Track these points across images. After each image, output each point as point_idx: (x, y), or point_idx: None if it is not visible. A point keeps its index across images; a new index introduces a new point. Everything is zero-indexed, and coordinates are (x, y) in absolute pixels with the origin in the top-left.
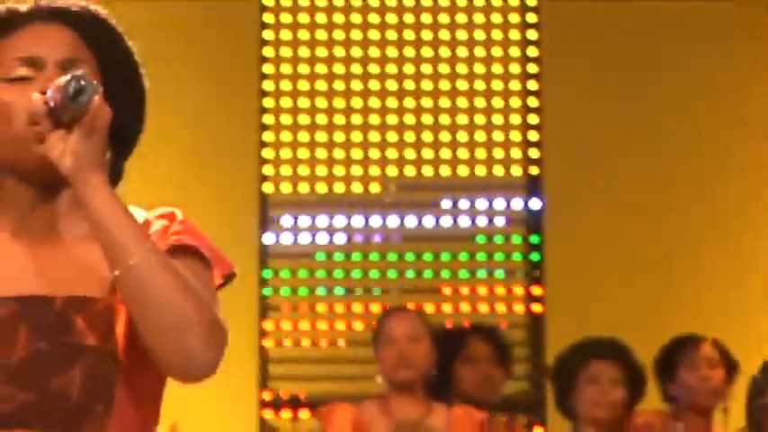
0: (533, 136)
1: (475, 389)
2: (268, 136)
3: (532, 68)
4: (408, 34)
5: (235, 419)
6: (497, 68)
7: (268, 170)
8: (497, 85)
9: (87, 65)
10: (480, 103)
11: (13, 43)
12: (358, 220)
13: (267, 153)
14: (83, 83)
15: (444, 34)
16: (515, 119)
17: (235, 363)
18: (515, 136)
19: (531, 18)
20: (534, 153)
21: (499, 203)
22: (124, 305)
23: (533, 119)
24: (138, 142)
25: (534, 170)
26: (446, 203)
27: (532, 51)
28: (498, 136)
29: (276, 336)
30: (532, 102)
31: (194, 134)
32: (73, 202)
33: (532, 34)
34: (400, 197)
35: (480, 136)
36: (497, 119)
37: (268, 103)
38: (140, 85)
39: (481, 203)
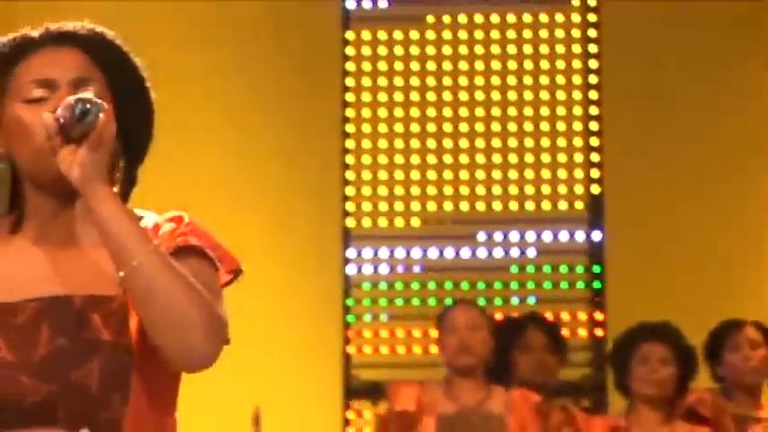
0: (595, 173)
1: (530, 374)
2: (350, 175)
3: (594, 111)
4: (479, 80)
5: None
6: (561, 126)
7: (350, 206)
8: (561, 126)
9: (97, 83)
10: (546, 142)
11: (28, 67)
12: (433, 252)
13: (349, 191)
14: (88, 105)
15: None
16: (578, 156)
17: (322, 386)
18: (578, 173)
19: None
20: (596, 189)
21: (563, 235)
22: None
23: (595, 156)
24: (148, 151)
25: (595, 205)
26: (514, 236)
27: (593, 94)
28: (562, 174)
29: (359, 359)
30: (594, 141)
31: (284, 169)
32: (87, 209)
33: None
34: (472, 230)
35: (546, 174)
36: (562, 157)
37: (350, 144)
38: (148, 98)
39: (547, 236)
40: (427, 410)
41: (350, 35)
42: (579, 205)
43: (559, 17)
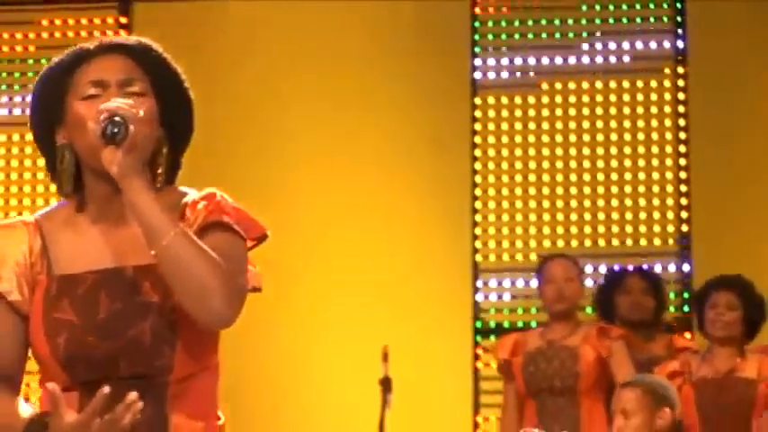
0: (684, 214)
1: (629, 313)
2: (479, 217)
3: (682, 161)
4: (586, 136)
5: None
6: (655, 175)
7: (479, 244)
8: (655, 174)
9: (141, 82)
10: (642, 189)
11: (86, 71)
12: None
13: (478, 230)
14: (116, 128)
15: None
16: (669, 197)
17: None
18: (670, 215)
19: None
20: (684, 227)
21: (657, 268)
22: None
23: (684, 201)
24: (189, 141)
25: (684, 240)
26: (616, 268)
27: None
28: (656, 215)
29: (487, 372)
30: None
31: (420, 207)
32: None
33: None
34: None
35: (642, 215)
36: (655, 201)
37: (478, 193)
38: (186, 96)
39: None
40: (519, 351)
41: (478, 100)
42: (670, 241)
43: (653, 83)
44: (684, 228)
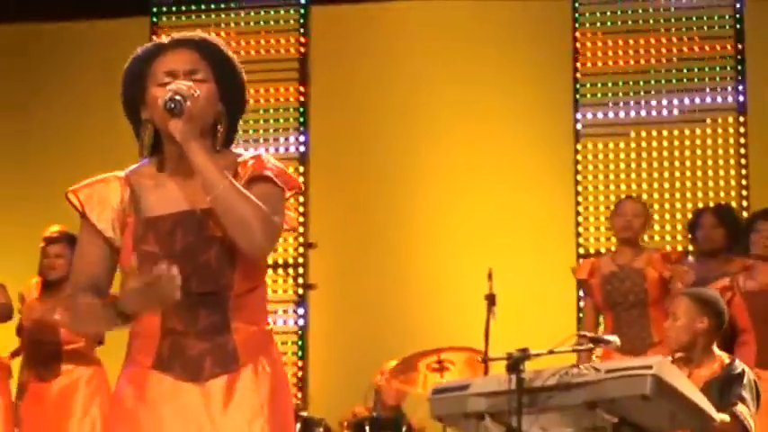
0: None
1: (702, 244)
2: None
3: (743, 191)
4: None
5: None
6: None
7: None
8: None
9: (203, 71)
10: None
11: (161, 62)
12: None
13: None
14: (174, 104)
15: None
16: None
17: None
18: None
19: None
20: None
21: None
22: None
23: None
24: (243, 113)
25: None
26: None
27: None
28: None
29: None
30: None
31: (529, 157)
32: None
33: None
34: None
35: None
36: None
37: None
38: (240, 80)
39: None
40: (596, 273)
41: (580, 146)
42: None
43: (719, 130)
44: None
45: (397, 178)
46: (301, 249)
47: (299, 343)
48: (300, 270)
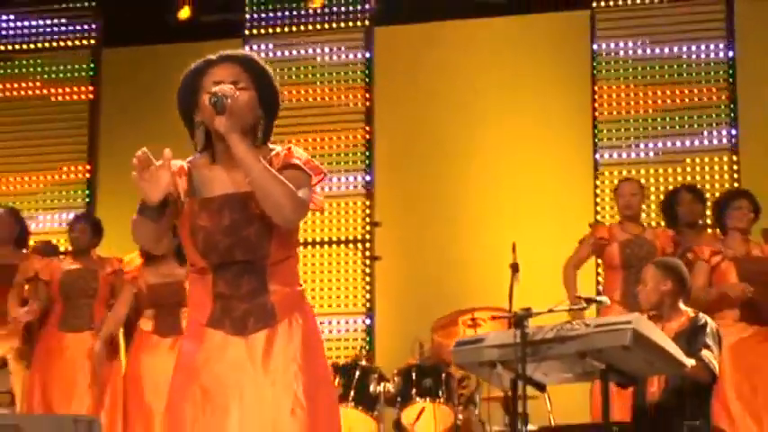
0: None
1: (684, 216)
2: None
3: None
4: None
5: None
6: None
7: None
8: None
9: (244, 81)
10: None
11: (210, 74)
12: None
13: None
14: (216, 100)
15: None
16: None
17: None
18: None
19: None
20: None
21: None
22: None
23: None
24: (276, 116)
25: None
26: None
27: None
28: None
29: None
30: None
31: (553, 139)
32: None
33: None
34: None
35: None
36: None
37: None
38: (274, 87)
39: None
40: (613, 239)
41: (597, 131)
42: None
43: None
44: None
45: (449, 170)
46: (368, 228)
47: (368, 306)
48: (367, 245)
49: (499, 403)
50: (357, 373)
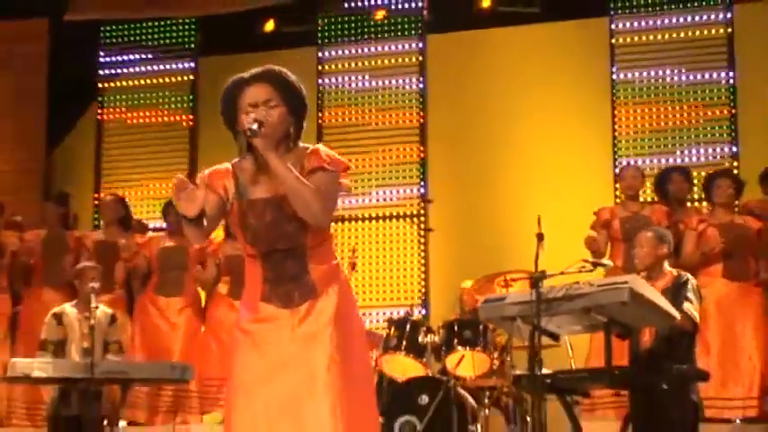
0: None
1: (674, 193)
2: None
3: None
4: None
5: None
6: None
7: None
8: None
9: (275, 99)
10: None
11: (246, 93)
12: None
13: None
14: (253, 128)
15: None
16: None
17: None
18: None
19: None
20: None
21: None
22: None
23: None
24: (304, 122)
25: None
26: None
27: None
28: None
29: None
30: None
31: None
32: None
33: None
34: None
35: None
36: None
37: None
38: (303, 103)
39: None
40: (615, 217)
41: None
42: None
43: None
44: None
45: (492, 155)
46: (422, 204)
47: (423, 268)
48: (422, 219)
49: (526, 351)
50: (408, 326)
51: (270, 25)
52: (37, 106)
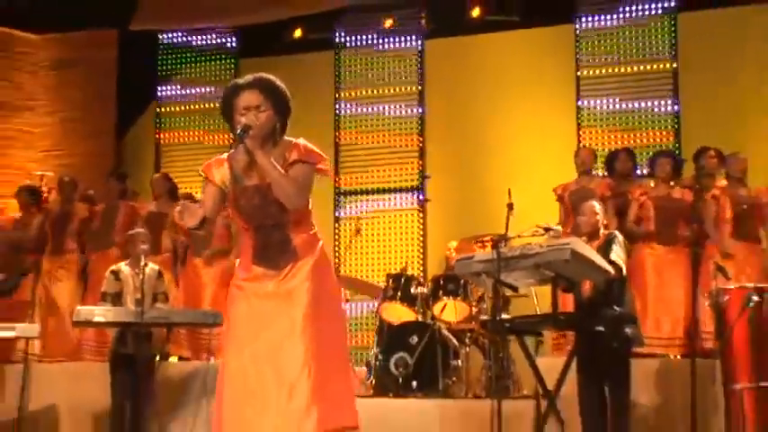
0: None
1: (620, 170)
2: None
3: None
4: None
5: None
6: None
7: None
8: None
9: (264, 104)
10: None
11: (240, 98)
12: None
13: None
14: (241, 131)
15: None
16: None
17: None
18: None
19: None
20: None
21: None
22: None
23: None
24: (288, 121)
25: None
26: None
27: None
28: None
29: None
30: None
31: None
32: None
33: None
34: None
35: None
36: None
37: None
38: (288, 106)
39: None
40: (566, 191)
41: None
42: None
43: None
44: None
45: (481, 139)
46: (420, 179)
47: (421, 233)
48: (420, 191)
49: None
50: (403, 280)
51: (298, 32)
52: (107, 104)
